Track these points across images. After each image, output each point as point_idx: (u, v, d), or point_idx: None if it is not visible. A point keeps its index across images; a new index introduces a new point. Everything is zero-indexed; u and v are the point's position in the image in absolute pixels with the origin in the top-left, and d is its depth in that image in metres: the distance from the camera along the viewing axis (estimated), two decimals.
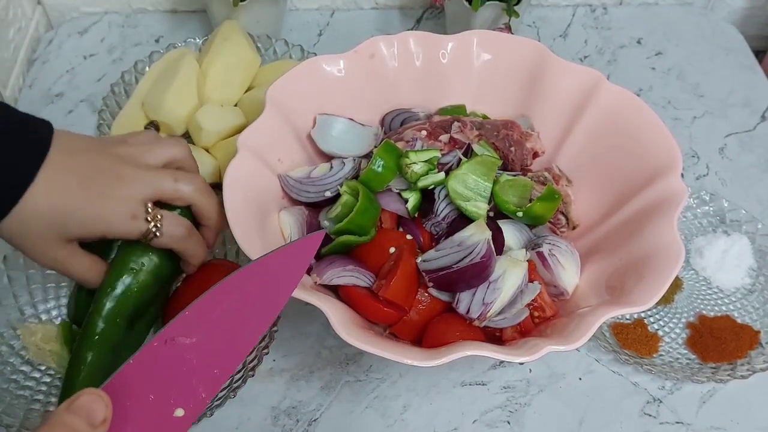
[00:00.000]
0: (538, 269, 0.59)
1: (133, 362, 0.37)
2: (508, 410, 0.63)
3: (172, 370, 0.38)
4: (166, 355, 0.38)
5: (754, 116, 0.88)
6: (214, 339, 0.39)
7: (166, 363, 0.38)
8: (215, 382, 0.39)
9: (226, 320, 0.39)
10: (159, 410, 0.37)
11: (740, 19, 1.05)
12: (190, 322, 0.39)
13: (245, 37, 0.80)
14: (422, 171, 0.59)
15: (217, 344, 0.39)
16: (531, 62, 0.68)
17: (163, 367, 0.38)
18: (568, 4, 1.00)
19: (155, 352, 0.38)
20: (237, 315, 0.40)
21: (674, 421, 0.63)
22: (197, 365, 0.38)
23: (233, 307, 0.40)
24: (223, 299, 0.40)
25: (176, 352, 0.38)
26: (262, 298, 0.41)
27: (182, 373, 0.38)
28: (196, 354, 0.38)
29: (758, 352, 0.65)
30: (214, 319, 0.39)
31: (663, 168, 0.59)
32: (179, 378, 0.38)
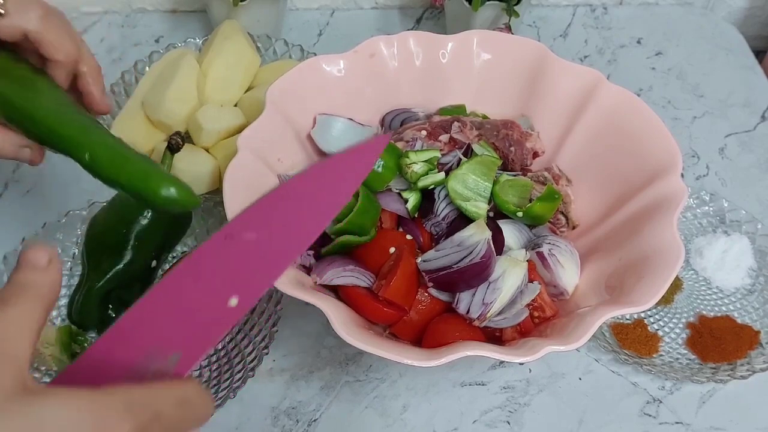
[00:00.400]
0: (538, 269, 0.59)
1: (195, 256, 0.38)
2: (508, 410, 0.63)
3: (231, 264, 0.39)
4: (226, 250, 0.39)
5: (754, 116, 0.88)
6: (274, 237, 0.40)
7: (225, 257, 0.39)
8: (271, 275, 0.40)
9: (287, 218, 0.40)
10: (214, 299, 0.38)
11: (740, 19, 1.05)
12: (251, 218, 0.40)
13: (245, 37, 0.80)
14: (422, 171, 0.59)
15: (276, 241, 0.40)
16: (531, 62, 0.68)
17: (222, 261, 0.38)
18: (568, 4, 1.00)
19: (216, 247, 0.39)
20: (298, 214, 0.40)
21: (674, 422, 0.63)
22: (255, 260, 0.39)
23: (295, 206, 0.40)
24: (286, 198, 0.40)
25: (236, 247, 0.39)
26: (324, 198, 0.41)
27: (240, 267, 0.39)
28: (256, 250, 0.39)
29: (758, 352, 0.65)
30: (276, 217, 0.40)
31: (663, 168, 0.59)
32: (237, 271, 0.39)
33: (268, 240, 0.40)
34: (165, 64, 0.79)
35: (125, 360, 0.36)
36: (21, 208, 0.75)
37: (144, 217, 0.63)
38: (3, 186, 0.77)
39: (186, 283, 0.38)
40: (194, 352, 0.37)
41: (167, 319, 0.37)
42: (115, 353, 0.36)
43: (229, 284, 0.39)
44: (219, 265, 0.39)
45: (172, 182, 0.47)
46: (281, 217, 0.40)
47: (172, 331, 0.37)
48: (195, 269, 0.38)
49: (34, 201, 0.75)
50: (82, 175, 0.49)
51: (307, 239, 0.41)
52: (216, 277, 0.38)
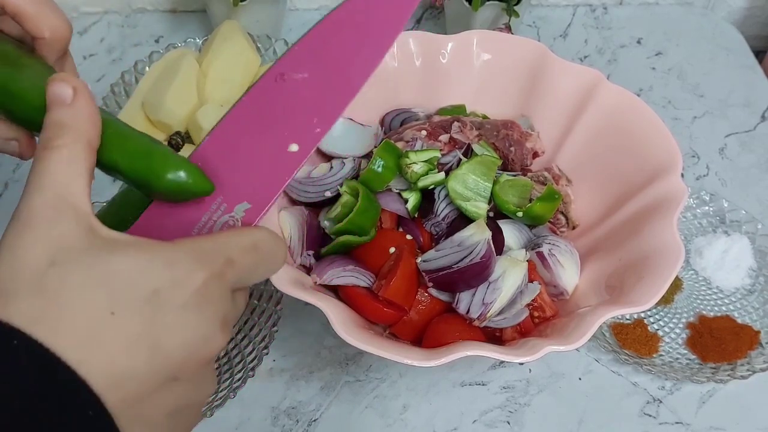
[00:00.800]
0: (538, 269, 0.59)
1: (246, 99, 0.37)
2: (508, 410, 0.63)
3: (286, 107, 0.37)
4: (279, 91, 0.37)
5: (754, 116, 0.88)
6: (326, 74, 0.38)
7: (279, 99, 0.37)
8: (329, 116, 0.38)
9: (336, 54, 0.38)
10: (273, 145, 0.37)
11: (740, 19, 1.05)
12: (300, 56, 0.38)
13: (245, 37, 0.80)
14: (422, 171, 0.59)
15: (329, 79, 0.38)
16: (531, 62, 0.68)
17: (276, 104, 0.37)
18: (568, 4, 1.00)
19: (267, 88, 0.37)
20: (347, 49, 0.38)
21: (674, 422, 0.63)
22: (310, 101, 0.37)
23: (343, 40, 0.38)
24: (332, 32, 0.38)
25: (288, 88, 0.37)
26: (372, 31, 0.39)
27: (296, 110, 0.37)
28: (309, 90, 0.37)
29: (758, 352, 0.65)
30: (325, 54, 0.38)
31: (663, 168, 0.59)
32: (293, 114, 0.37)
33: (322, 77, 0.38)
34: (165, 64, 0.79)
35: (190, 213, 0.36)
36: None
37: None
38: (3, 186, 0.77)
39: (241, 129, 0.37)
40: (260, 200, 0.36)
41: (227, 168, 0.36)
42: (180, 206, 0.36)
43: (286, 128, 0.37)
44: (273, 109, 0.37)
45: (180, 164, 0.37)
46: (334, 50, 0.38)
47: (235, 180, 0.36)
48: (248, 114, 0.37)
49: None
50: None
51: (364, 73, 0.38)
52: (272, 121, 0.37)
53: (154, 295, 0.29)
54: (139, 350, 0.28)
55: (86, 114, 0.33)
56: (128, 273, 0.29)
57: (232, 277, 0.32)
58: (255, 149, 0.37)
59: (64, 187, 0.31)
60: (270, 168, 0.37)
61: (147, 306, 0.28)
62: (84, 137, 0.33)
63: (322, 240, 0.60)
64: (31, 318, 0.27)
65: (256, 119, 0.37)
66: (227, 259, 0.31)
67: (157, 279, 0.29)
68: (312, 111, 0.38)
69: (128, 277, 0.29)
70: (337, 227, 0.57)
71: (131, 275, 0.29)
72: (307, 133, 0.37)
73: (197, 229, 0.36)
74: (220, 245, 0.32)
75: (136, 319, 0.28)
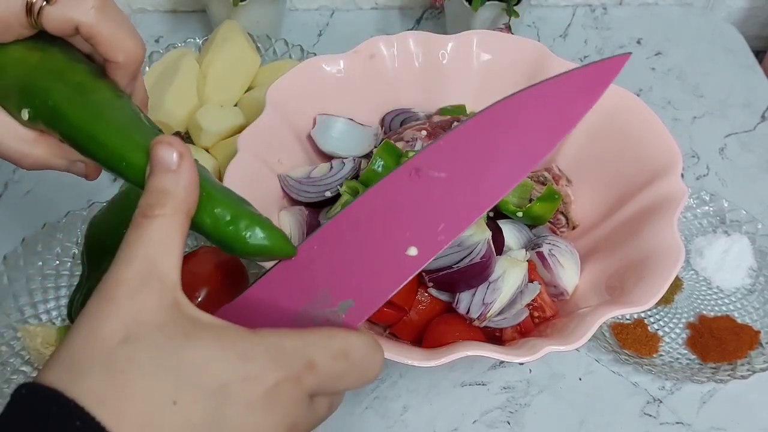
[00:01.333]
0: (538, 269, 0.59)
1: (376, 188, 0.34)
2: (508, 411, 0.63)
3: (414, 205, 0.34)
4: (411, 187, 0.34)
5: (754, 116, 0.88)
6: (464, 177, 0.34)
7: (409, 195, 0.34)
8: (458, 225, 0.34)
9: (481, 156, 0.34)
10: (392, 245, 0.34)
11: (740, 20, 1.05)
12: (443, 153, 0.34)
13: (245, 37, 0.80)
14: None
15: (466, 183, 0.34)
16: (531, 62, 0.68)
17: (405, 199, 0.34)
18: (568, 4, 1.01)
19: (400, 181, 0.34)
20: (493, 153, 0.34)
21: (674, 422, 0.63)
22: (441, 204, 0.34)
23: (491, 142, 0.34)
24: (482, 133, 0.34)
25: (422, 185, 0.34)
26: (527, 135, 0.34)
27: (424, 209, 0.34)
28: (443, 191, 0.34)
29: (758, 352, 0.65)
30: (468, 155, 0.34)
31: (663, 168, 0.59)
32: (420, 214, 0.34)
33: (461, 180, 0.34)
34: (165, 64, 0.79)
35: (292, 300, 0.33)
36: (21, 208, 0.75)
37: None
38: (3, 186, 0.77)
39: (362, 220, 0.34)
40: (367, 302, 0.34)
41: (340, 259, 0.34)
42: (280, 294, 0.33)
43: (409, 229, 0.34)
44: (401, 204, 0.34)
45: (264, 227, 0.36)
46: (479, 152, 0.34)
47: (344, 275, 0.34)
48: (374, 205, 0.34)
49: (34, 201, 0.75)
50: None
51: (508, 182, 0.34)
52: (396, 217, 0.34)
53: (221, 389, 0.27)
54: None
55: (188, 182, 0.32)
56: (198, 362, 0.28)
57: (311, 383, 0.29)
58: (372, 245, 0.34)
59: (154, 260, 0.30)
60: (383, 268, 0.34)
61: (211, 400, 0.27)
62: (184, 207, 0.32)
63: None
64: (96, 397, 0.26)
65: (381, 212, 0.34)
66: (308, 363, 0.29)
67: (227, 373, 0.28)
68: (441, 216, 0.34)
69: (197, 367, 0.28)
70: None
71: (201, 365, 0.28)
72: (429, 239, 0.34)
73: (295, 318, 0.34)
74: (304, 345, 0.30)
75: (198, 411, 0.27)
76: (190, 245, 0.70)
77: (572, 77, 0.35)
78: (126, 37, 0.38)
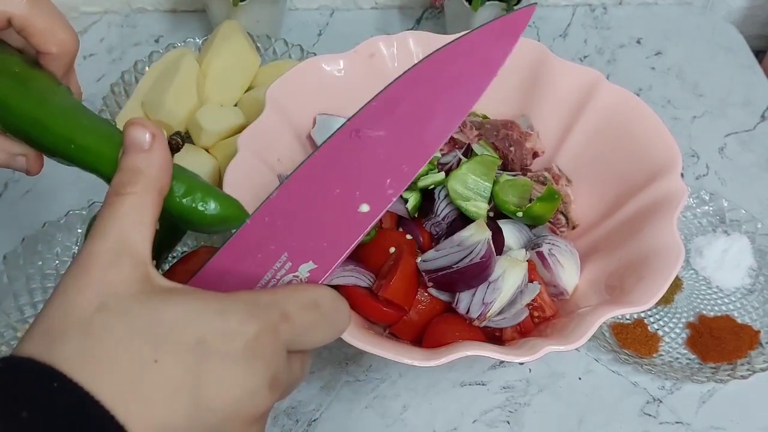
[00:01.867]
0: (538, 269, 0.59)
1: (319, 153, 0.36)
2: (508, 410, 0.63)
3: (359, 164, 0.36)
4: (353, 148, 0.36)
5: (754, 116, 0.88)
6: (403, 132, 0.36)
7: (352, 156, 0.36)
8: (403, 178, 0.36)
9: (415, 112, 0.36)
10: (344, 205, 0.35)
11: (740, 19, 1.05)
12: (378, 113, 0.36)
13: (245, 37, 0.80)
14: (422, 171, 0.59)
15: (405, 138, 0.36)
16: (531, 62, 0.68)
17: (349, 160, 0.36)
18: (567, 4, 1.01)
19: (342, 145, 0.36)
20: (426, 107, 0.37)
21: (674, 421, 0.63)
22: (385, 160, 0.36)
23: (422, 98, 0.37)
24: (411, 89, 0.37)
25: (364, 145, 0.36)
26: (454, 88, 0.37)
27: (369, 168, 0.36)
28: (385, 148, 0.36)
29: (758, 352, 0.65)
30: (403, 111, 0.36)
31: (663, 168, 0.59)
32: (366, 173, 0.36)
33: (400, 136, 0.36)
34: (165, 64, 0.79)
35: (253, 270, 0.34)
36: (21, 208, 0.75)
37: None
38: (3, 186, 0.77)
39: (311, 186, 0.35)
40: (326, 261, 0.35)
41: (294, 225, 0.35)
42: (242, 262, 0.34)
43: (358, 188, 0.35)
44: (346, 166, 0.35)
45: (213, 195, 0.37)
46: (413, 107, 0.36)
47: (301, 238, 0.35)
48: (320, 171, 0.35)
49: (34, 201, 0.75)
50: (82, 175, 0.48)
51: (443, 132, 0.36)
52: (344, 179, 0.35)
53: (201, 343, 0.28)
54: (180, 401, 0.27)
55: (161, 161, 0.33)
56: (175, 320, 0.28)
57: (286, 333, 0.30)
58: (324, 207, 0.35)
59: (126, 235, 0.30)
60: (338, 228, 0.35)
61: (192, 355, 0.28)
62: (156, 185, 0.32)
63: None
64: (73, 361, 0.26)
65: (327, 176, 0.36)
66: (283, 314, 0.30)
67: (205, 327, 0.28)
68: (386, 170, 0.36)
69: (175, 325, 0.28)
70: None
71: (178, 322, 0.28)
72: (379, 194, 0.36)
73: (259, 286, 0.35)
74: (277, 299, 0.31)
75: (180, 367, 0.27)
76: (190, 245, 0.70)
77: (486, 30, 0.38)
78: (59, 29, 0.39)
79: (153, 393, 0.27)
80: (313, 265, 0.35)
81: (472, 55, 0.37)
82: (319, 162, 0.36)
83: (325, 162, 0.36)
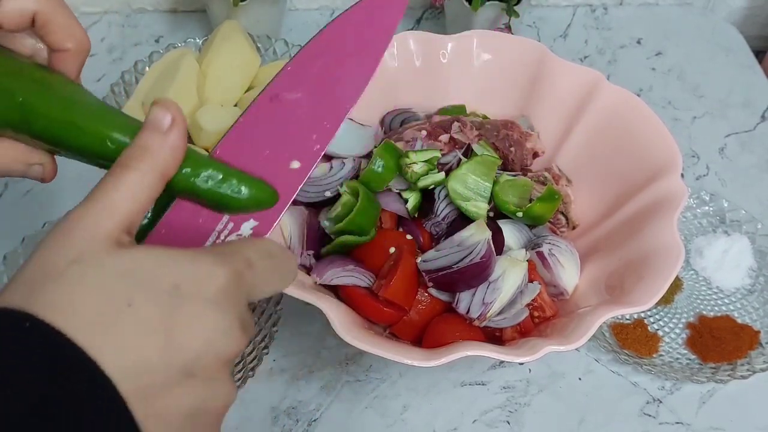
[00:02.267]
0: (538, 269, 0.59)
1: (243, 120, 0.38)
2: (508, 410, 0.63)
3: (284, 126, 0.38)
4: (275, 111, 0.38)
5: (754, 116, 0.88)
6: (320, 91, 0.39)
7: (276, 119, 0.38)
8: (327, 133, 0.39)
9: (328, 72, 0.39)
10: (275, 164, 0.38)
11: (740, 19, 1.05)
12: (293, 76, 0.39)
13: (245, 37, 0.80)
14: (422, 171, 0.59)
15: (323, 97, 0.39)
16: (531, 62, 0.68)
17: (274, 123, 0.38)
18: (568, 4, 1.01)
19: (263, 109, 0.38)
20: (338, 65, 0.40)
21: (674, 422, 0.63)
22: (307, 119, 0.39)
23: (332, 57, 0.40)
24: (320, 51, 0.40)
25: (284, 108, 0.39)
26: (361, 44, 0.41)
27: (293, 128, 0.39)
28: (305, 108, 0.39)
29: (758, 352, 0.65)
30: (316, 72, 0.39)
31: (663, 168, 0.59)
32: (291, 132, 0.39)
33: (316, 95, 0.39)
34: (165, 64, 0.79)
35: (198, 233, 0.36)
36: (21, 208, 0.75)
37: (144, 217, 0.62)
38: (3, 186, 0.77)
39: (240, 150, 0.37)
40: (267, 218, 0.37)
41: None
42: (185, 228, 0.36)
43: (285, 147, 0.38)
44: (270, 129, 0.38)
45: (247, 180, 0.38)
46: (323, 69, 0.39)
47: None
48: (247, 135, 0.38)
49: (34, 201, 0.75)
50: (82, 175, 0.49)
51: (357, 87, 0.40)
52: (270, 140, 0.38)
53: (175, 288, 0.29)
54: (154, 341, 0.28)
55: (174, 146, 0.34)
56: (149, 267, 0.29)
57: (250, 279, 0.32)
58: (256, 168, 0.37)
59: (116, 205, 0.31)
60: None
61: (166, 299, 0.29)
62: (160, 168, 0.33)
63: (322, 240, 0.60)
64: (47, 307, 0.27)
65: (254, 140, 0.38)
66: (247, 261, 0.32)
67: (179, 273, 0.29)
68: (309, 128, 0.39)
69: (150, 271, 0.29)
70: (337, 227, 0.57)
71: (152, 269, 0.29)
72: (306, 150, 0.39)
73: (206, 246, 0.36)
74: (239, 248, 0.32)
75: (153, 309, 0.28)
76: None
77: None
78: (76, 25, 0.39)
79: (127, 334, 0.27)
80: (254, 222, 0.37)
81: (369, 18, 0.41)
82: (245, 127, 0.38)
83: (250, 127, 0.38)
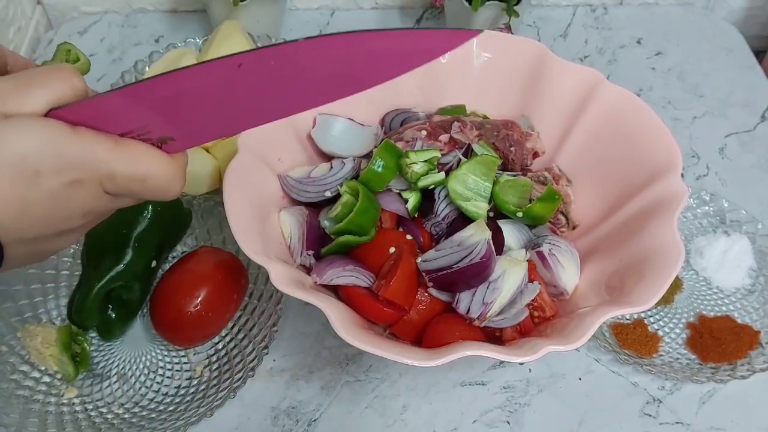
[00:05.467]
0: (538, 269, 0.59)
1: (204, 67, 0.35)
2: (508, 410, 0.63)
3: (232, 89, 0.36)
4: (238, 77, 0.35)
5: (754, 116, 0.88)
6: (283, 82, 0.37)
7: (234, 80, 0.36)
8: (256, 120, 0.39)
9: (300, 73, 0.36)
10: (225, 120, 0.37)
11: (740, 19, 1.05)
12: (265, 57, 0.35)
13: (245, 37, 0.80)
14: (422, 171, 0.59)
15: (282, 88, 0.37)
16: (531, 62, 0.68)
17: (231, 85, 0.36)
18: (568, 4, 1.01)
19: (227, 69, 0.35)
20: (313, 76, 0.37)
21: (674, 422, 0.63)
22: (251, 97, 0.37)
23: (314, 65, 0.36)
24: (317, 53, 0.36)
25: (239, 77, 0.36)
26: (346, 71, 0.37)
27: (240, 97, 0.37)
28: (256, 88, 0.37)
29: (758, 352, 0.65)
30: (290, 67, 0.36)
31: (663, 168, 0.59)
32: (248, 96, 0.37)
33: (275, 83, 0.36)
34: (165, 64, 0.79)
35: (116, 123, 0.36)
36: None
37: (144, 218, 0.62)
38: None
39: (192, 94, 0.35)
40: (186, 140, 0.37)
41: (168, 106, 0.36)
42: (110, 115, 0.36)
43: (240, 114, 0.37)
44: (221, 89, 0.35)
45: None
46: (299, 69, 0.36)
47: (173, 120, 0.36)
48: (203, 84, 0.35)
49: None
50: None
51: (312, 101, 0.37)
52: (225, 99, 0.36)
53: (36, 175, 0.33)
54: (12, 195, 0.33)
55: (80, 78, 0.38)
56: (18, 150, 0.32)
57: (108, 188, 0.35)
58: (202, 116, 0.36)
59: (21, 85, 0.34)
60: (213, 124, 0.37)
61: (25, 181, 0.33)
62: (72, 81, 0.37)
63: (322, 240, 0.60)
64: None
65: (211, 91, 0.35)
66: (110, 174, 0.35)
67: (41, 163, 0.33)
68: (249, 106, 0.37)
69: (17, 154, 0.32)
70: (337, 227, 0.57)
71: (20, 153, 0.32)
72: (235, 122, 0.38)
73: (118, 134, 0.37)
74: (112, 159, 0.35)
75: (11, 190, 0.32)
76: (190, 245, 0.70)
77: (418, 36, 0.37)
78: None
79: None
80: (173, 139, 0.37)
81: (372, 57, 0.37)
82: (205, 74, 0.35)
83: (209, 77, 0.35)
